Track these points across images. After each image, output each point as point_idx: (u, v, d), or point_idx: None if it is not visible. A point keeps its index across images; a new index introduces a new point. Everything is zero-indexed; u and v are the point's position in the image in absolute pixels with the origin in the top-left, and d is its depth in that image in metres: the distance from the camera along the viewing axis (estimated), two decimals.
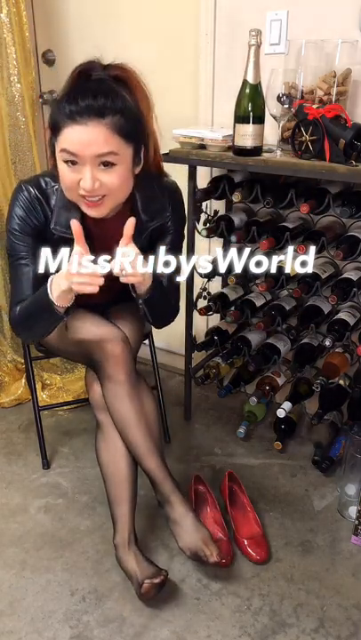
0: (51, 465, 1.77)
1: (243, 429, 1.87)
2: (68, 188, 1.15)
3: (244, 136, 1.50)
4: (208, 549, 1.28)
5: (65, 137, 1.08)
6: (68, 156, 1.09)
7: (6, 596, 1.32)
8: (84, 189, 1.11)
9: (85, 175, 1.09)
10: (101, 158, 1.09)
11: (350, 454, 1.55)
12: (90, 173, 1.09)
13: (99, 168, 1.10)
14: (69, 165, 1.11)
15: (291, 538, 1.49)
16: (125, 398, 1.31)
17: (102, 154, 1.08)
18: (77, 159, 1.09)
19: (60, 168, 1.14)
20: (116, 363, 1.29)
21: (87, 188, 1.10)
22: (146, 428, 1.33)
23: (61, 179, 1.15)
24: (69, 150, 1.08)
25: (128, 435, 1.33)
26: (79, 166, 1.10)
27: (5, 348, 2.16)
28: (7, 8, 1.80)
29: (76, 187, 1.13)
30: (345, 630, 1.24)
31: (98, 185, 1.11)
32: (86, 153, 1.07)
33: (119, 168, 1.12)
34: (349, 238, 1.56)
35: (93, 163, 1.09)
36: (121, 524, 1.34)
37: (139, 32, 1.99)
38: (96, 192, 1.12)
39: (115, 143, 1.09)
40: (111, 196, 1.15)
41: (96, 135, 1.06)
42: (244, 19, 1.70)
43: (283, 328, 1.72)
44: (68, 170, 1.11)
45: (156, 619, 1.27)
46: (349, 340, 1.60)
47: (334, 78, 1.46)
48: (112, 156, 1.10)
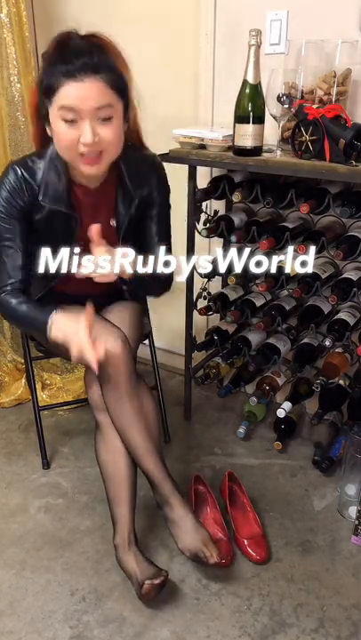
0: (51, 465, 1.77)
1: (243, 429, 1.87)
2: (66, 147, 1.16)
3: (244, 136, 1.50)
4: (208, 550, 1.28)
5: (63, 94, 1.10)
6: (67, 112, 1.11)
7: (6, 596, 1.32)
8: (85, 143, 1.13)
9: (85, 129, 1.11)
10: (99, 112, 1.12)
11: (350, 454, 1.55)
12: (89, 127, 1.11)
13: (97, 123, 1.13)
14: (68, 124, 1.12)
15: (291, 538, 1.49)
16: (125, 399, 1.31)
17: (101, 107, 1.11)
18: (76, 115, 1.11)
19: (57, 130, 1.15)
20: (115, 363, 1.28)
21: (88, 142, 1.12)
22: (145, 429, 1.33)
23: (59, 139, 1.16)
24: (69, 106, 1.10)
25: (127, 436, 1.33)
26: (78, 123, 1.12)
27: (5, 348, 2.16)
28: (7, 8, 1.80)
29: (75, 145, 1.14)
30: (345, 630, 1.24)
31: (97, 139, 1.13)
32: (86, 106, 1.10)
33: (115, 122, 1.15)
34: (349, 238, 1.56)
35: (92, 117, 1.11)
36: (121, 524, 1.34)
37: (139, 32, 1.99)
38: (95, 146, 1.14)
39: (110, 96, 1.12)
40: (108, 152, 1.18)
41: (94, 89, 1.10)
42: (244, 19, 1.70)
43: (283, 328, 1.73)
44: (66, 128, 1.13)
45: (156, 619, 1.27)
46: (349, 339, 1.60)
47: (334, 78, 1.46)
48: (109, 110, 1.13)
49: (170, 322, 2.29)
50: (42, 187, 1.26)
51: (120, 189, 1.33)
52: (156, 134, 1.60)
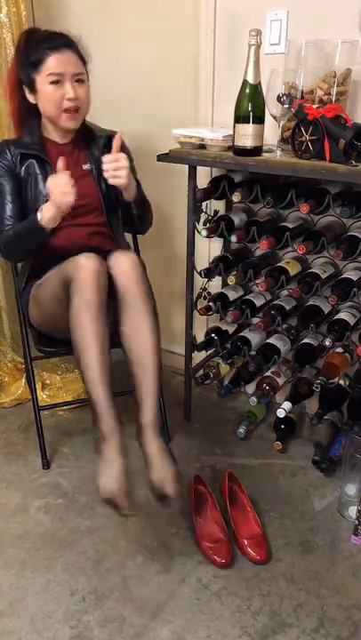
0: (51, 465, 1.77)
1: (243, 429, 1.87)
2: (54, 103, 1.49)
3: (244, 136, 1.50)
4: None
5: (50, 64, 1.46)
6: (54, 77, 1.46)
7: (6, 596, 1.32)
8: (69, 98, 1.48)
9: (68, 88, 1.48)
10: (77, 76, 1.49)
11: (350, 454, 1.55)
12: (71, 86, 1.48)
13: (75, 84, 1.49)
14: (54, 85, 1.47)
15: (291, 538, 1.49)
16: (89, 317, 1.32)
17: (77, 72, 1.49)
18: (61, 77, 1.47)
19: (46, 92, 1.48)
20: (87, 278, 1.33)
21: (72, 96, 1.48)
22: (101, 353, 1.32)
23: (48, 99, 1.49)
24: (56, 72, 1.46)
25: (85, 356, 1.32)
26: (61, 85, 1.48)
27: (5, 347, 2.16)
28: (7, 8, 1.80)
29: (61, 102, 1.49)
30: (345, 630, 1.24)
31: (76, 96, 1.49)
32: (68, 70, 1.47)
33: (86, 84, 1.53)
34: (349, 238, 1.56)
35: (71, 79, 1.48)
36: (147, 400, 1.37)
37: (139, 32, 1.99)
38: (75, 102, 1.49)
39: (80, 65, 1.51)
40: (82, 108, 1.54)
41: (71, 58, 1.48)
42: (244, 19, 1.70)
43: (283, 328, 1.73)
44: (53, 89, 1.48)
45: (156, 619, 1.27)
46: (349, 339, 1.59)
47: (334, 78, 1.46)
48: (82, 75, 1.51)
49: (170, 322, 2.29)
50: (19, 145, 1.58)
51: (90, 142, 1.64)
52: (156, 134, 1.60)
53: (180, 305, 1.90)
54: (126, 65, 2.06)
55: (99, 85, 1.60)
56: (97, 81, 1.59)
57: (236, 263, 1.80)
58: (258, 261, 1.78)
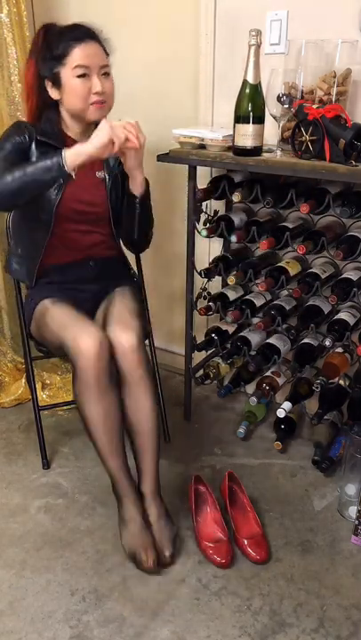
0: (51, 465, 1.77)
1: (243, 429, 1.87)
2: (81, 96, 1.42)
3: (244, 136, 1.50)
4: (145, 555, 1.35)
5: (76, 55, 1.39)
6: (81, 69, 1.39)
7: (6, 596, 1.32)
8: (97, 90, 1.41)
9: (95, 81, 1.41)
10: (103, 69, 1.42)
11: (350, 454, 1.55)
12: (98, 80, 1.41)
13: (101, 77, 1.42)
14: (81, 79, 1.40)
15: (291, 538, 1.49)
16: (92, 400, 1.34)
17: (104, 64, 1.43)
18: (88, 70, 1.40)
19: (72, 85, 1.41)
20: (88, 365, 1.31)
21: (99, 89, 1.41)
22: (108, 432, 1.36)
23: (75, 93, 1.42)
24: (83, 64, 1.39)
25: (92, 434, 1.37)
26: (88, 78, 1.41)
27: (5, 347, 2.16)
28: (7, 8, 1.80)
29: (88, 95, 1.42)
30: (345, 630, 1.24)
31: (104, 89, 1.42)
32: (95, 63, 1.40)
33: (111, 77, 1.47)
34: (349, 238, 1.56)
35: (98, 72, 1.41)
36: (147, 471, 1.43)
37: (139, 32, 1.99)
38: (102, 95, 1.43)
39: (106, 58, 1.45)
40: (108, 101, 1.47)
41: (98, 50, 1.42)
42: (244, 19, 1.70)
43: (283, 328, 1.73)
44: (80, 82, 1.40)
45: (156, 619, 1.27)
46: (349, 339, 1.59)
47: (334, 78, 1.46)
48: (108, 67, 1.45)
49: (170, 322, 2.29)
50: (38, 130, 1.48)
51: None
52: (156, 134, 1.60)
53: (180, 305, 1.90)
54: (126, 65, 2.06)
55: None
56: None
57: (236, 263, 1.80)
58: (258, 261, 1.78)
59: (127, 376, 1.38)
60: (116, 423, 1.37)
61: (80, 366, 1.31)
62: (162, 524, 1.42)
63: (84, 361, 1.30)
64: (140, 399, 1.39)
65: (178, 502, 1.59)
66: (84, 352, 1.30)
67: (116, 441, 1.38)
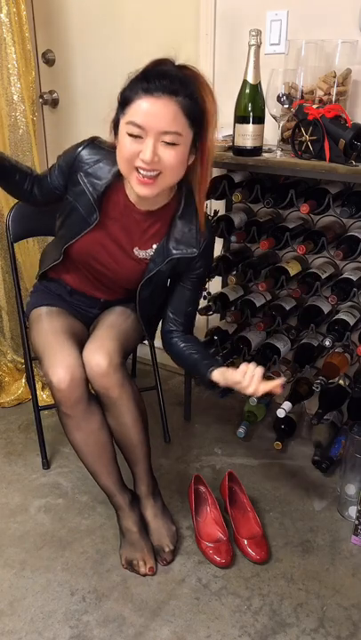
0: (51, 465, 1.77)
1: (243, 429, 1.87)
2: (125, 159, 1.15)
3: (244, 136, 1.50)
4: (142, 561, 1.37)
5: (135, 109, 1.11)
6: (134, 128, 1.11)
7: (6, 595, 1.32)
8: (144, 160, 1.12)
9: (147, 146, 1.11)
10: (165, 136, 1.11)
11: (350, 454, 1.55)
12: (152, 146, 1.11)
13: (160, 144, 1.12)
14: (132, 138, 1.13)
15: (291, 538, 1.49)
16: (72, 427, 1.34)
17: (168, 131, 1.11)
18: (142, 133, 1.11)
19: (121, 142, 1.15)
20: (61, 397, 1.28)
21: (147, 160, 1.11)
22: (92, 454, 1.37)
23: (120, 150, 1.16)
24: (137, 123, 1.10)
25: (79, 456, 1.38)
26: (142, 140, 1.12)
27: (5, 348, 2.16)
28: (7, 8, 1.80)
29: (134, 158, 1.14)
30: (345, 630, 1.24)
31: (157, 159, 1.13)
32: (154, 125, 1.10)
33: (179, 148, 1.14)
34: (349, 238, 1.56)
35: (157, 138, 1.11)
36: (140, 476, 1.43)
37: (139, 32, 1.99)
38: (153, 165, 1.13)
39: (181, 124, 1.12)
40: (165, 176, 1.16)
41: (166, 110, 1.10)
42: (244, 19, 1.70)
43: (283, 328, 1.72)
44: (130, 141, 1.13)
45: (156, 619, 1.27)
46: (349, 340, 1.59)
47: (334, 78, 1.46)
48: (175, 137, 1.12)
49: None
50: (92, 167, 1.27)
51: (166, 238, 1.32)
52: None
53: None
54: (126, 65, 2.06)
55: (99, 86, 1.60)
56: (97, 81, 1.58)
57: (236, 263, 1.80)
58: (258, 261, 1.78)
59: (102, 398, 1.33)
60: (99, 446, 1.36)
61: (55, 396, 1.29)
62: (159, 522, 1.43)
63: (56, 393, 1.27)
64: (122, 418, 1.35)
65: (178, 502, 1.59)
66: (55, 384, 1.26)
67: (104, 460, 1.37)
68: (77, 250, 1.35)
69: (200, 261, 1.35)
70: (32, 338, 1.44)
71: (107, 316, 1.47)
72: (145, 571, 1.36)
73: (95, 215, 1.29)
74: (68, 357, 1.29)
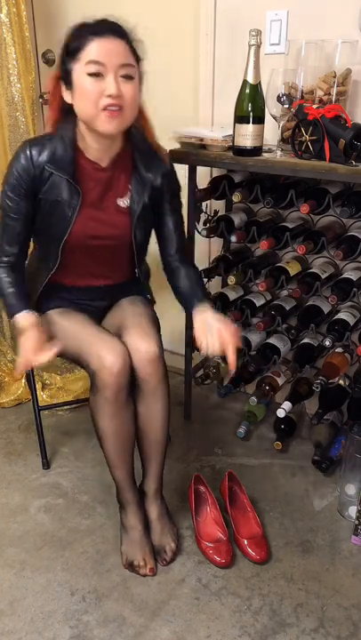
0: (51, 465, 1.77)
1: (243, 429, 1.87)
2: (90, 99, 1.20)
3: (244, 136, 1.50)
4: (143, 561, 1.38)
5: (91, 50, 1.18)
6: (94, 66, 1.18)
7: (6, 595, 1.32)
8: (110, 94, 1.18)
9: (110, 82, 1.18)
10: (123, 70, 1.19)
11: (350, 454, 1.55)
12: (114, 80, 1.18)
13: (120, 79, 1.20)
14: (93, 77, 1.18)
15: (291, 538, 1.49)
16: (107, 414, 1.33)
17: (125, 64, 1.19)
18: (102, 69, 1.18)
19: (82, 85, 1.20)
20: (110, 382, 1.28)
21: (113, 92, 1.18)
22: (119, 445, 1.36)
23: (84, 93, 1.20)
24: (96, 60, 1.17)
25: (103, 444, 1.37)
26: (102, 78, 1.19)
27: (5, 348, 2.16)
28: (7, 8, 1.80)
29: (99, 99, 1.19)
30: (345, 630, 1.24)
31: (120, 92, 1.19)
32: (112, 61, 1.18)
33: (135, 82, 1.23)
34: (349, 238, 1.56)
35: (116, 73, 1.19)
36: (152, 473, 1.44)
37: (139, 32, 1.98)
38: (118, 100, 1.19)
39: (131, 58, 1.22)
40: (126, 110, 1.22)
41: (120, 46, 1.20)
42: (244, 19, 1.70)
43: (283, 328, 1.72)
44: (92, 82, 1.18)
45: (156, 619, 1.27)
46: (349, 340, 1.59)
47: (334, 78, 1.46)
48: (130, 69, 1.21)
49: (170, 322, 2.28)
50: (49, 156, 1.29)
51: (134, 174, 1.36)
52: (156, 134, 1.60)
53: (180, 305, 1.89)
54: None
55: None
56: None
57: (236, 263, 1.80)
58: (258, 261, 1.78)
59: (143, 385, 1.35)
60: (127, 437, 1.36)
61: (101, 382, 1.28)
62: (162, 523, 1.43)
63: (106, 377, 1.27)
64: (153, 409, 1.37)
65: (178, 502, 1.59)
66: (108, 369, 1.27)
67: (126, 453, 1.38)
68: (75, 237, 1.34)
69: (172, 177, 1.42)
70: (57, 335, 1.39)
71: (126, 308, 1.47)
72: (145, 571, 1.36)
73: (77, 195, 1.30)
74: (117, 344, 1.31)
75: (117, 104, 1.19)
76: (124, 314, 1.46)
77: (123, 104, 1.20)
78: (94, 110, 1.20)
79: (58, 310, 1.44)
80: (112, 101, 1.18)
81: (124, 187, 1.36)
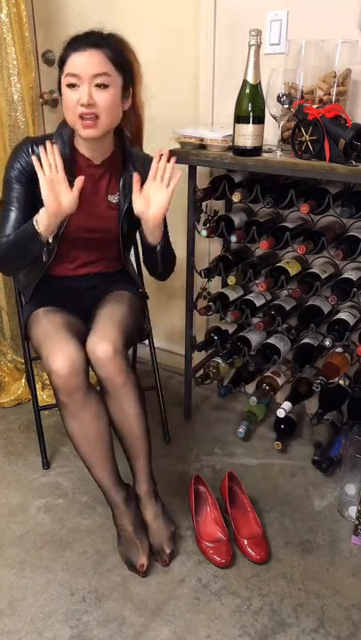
0: (51, 465, 1.77)
1: (243, 429, 1.87)
2: (69, 108, 1.31)
3: (244, 136, 1.50)
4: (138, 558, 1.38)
5: (69, 64, 1.29)
6: (70, 78, 1.28)
7: (6, 595, 1.32)
8: (82, 103, 1.28)
9: (83, 91, 1.27)
10: (96, 79, 1.27)
11: (350, 454, 1.55)
12: (87, 90, 1.27)
13: (94, 89, 1.28)
14: (71, 88, 1.29)
15: (291, 538, 1.49)
16: (68, 416, 1.34)
17: (97, 73, 1.27)
18: (77, 80, 1.28)
19: (63, 95, 1.31)
20: (59, 384, 1.29)
21: (84, 102, 1.27)
22: (88, 444, 1.36)
23: (65, 103, 1.32)
24: (72, 72, 1.28)
25: (75, 446, 1.38)
26: (79, 88, 1.28)
27: (5, 348, 2.16)
28: (7, 8, 1.80)
29: (75, 106, 1.29)
30: (345, 630, 1.24)
31: (93, 101, 1.28)
32: (86, 72, 1.27)
33: (111, 90, 1.30)
34: (349, 238, 1.56)
35: (90, 83, 1.27)
36: (140, 473, 1.43)
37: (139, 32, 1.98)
38: (90, 108, 1.28)
39: (107, 67, 1.29)
40: (102, 117, 1.30)
41: (93, 58, 1.27)
42: (244, 19, 1.70)
43: (283, 328, 1.72)
44: (70, 92, 1.29)
45: (156, 619, 1.27)
46: (349, 340, 1.59)
47: (334, 78, 1.46)
48: (105, 77, 1.28)
49: (170, 322, 2.29)
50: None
51: (124, 175, 1.45)
52: (156, 134, 1.60)
53: (180, 305, 1.90)
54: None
55: None
56: None
57: (236, 263, 1.80)
58: (258, 261, 1.78)
59: (107, 385, 1.35)
60: (95, 436, 1.35)
61: (53, 384, 1.30)
62: (159, 523, 1.42)
63: (55, 380, 1.29)
64: (125, 406, 1.37)
65: (178, 502, 1.59)
66: (55, 371, 1.28)
67: (100, 451, 1.37)
68: (70, 229, 1.41)
69: None
70: (32, 336, 1.46)
71: (103, 308, 1.48)
72: (141, 570, 1.36)
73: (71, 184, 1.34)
74: (68, 346, 1.31)
75: (91, 112, 1.28)
76: (102, 310, 1.48)
77: (97, 112, 1.29)
78: (74, 118, 1.31)
79: (45, 309, 1.47)
80: (85, 110, 1.28)
81: (115, 184, 1.46)
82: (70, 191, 1.28)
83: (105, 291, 1.56)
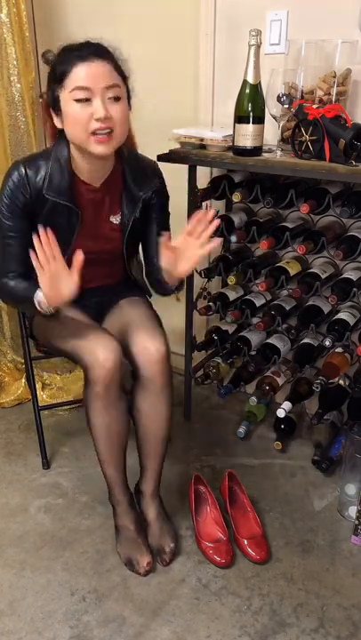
0: (51, 465, 1.77)
1: (243, 429, 1.87)
2: (80, 125, 1.21)
3: (244, 136, 1.50)
4: (139, 561, 1.38)
5: (76, 76, 1.19)
6: (80, 92, 1.19)
7: (6, 595, 1.32)
8: (99, 118, 1.19)
9: (98, 105, 1.19)
10: (109, 91, 1.20)
11: (350, 454, 1.55)
12: (102, 103, 1.19)
13: (108, 101, 1.21)
14: (81, 103, 1.20)
15: (291, 538, 1.49)
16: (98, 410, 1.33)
17: (110, 85, 1.20)
18: (89, 94, 1.19)
19: (70, 112, 1.21)
20: (101, 377, 1.28)
21: (101, 116, 1.19)
22: (109, 441, 1.36)
23: (73, 120, 1.22)
24: (82, 85, 1.18)
25: (95, 440, 1.37)
26: (90, 102, 1.20)
27: (5, 348, 2.16)
28: (7, 8, 1.80)
29: (88, 123, 1.20)
30: (345, 630, 1.24)
31: (109, 115, 1.21)
32: (98, 84, 1.19)
33: (123, 102, 1.24)
34: (349, 238, 1.56)
35: (103, 95, 1.20)
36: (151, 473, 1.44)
37: (139, 32, 1.99)
38: (107, 122, 1.21)
39: (117, 78, 1.23)
40: (117, 131, 1.24)
41: (103, 68, 1.20)
42: (244, 19, 1.70)
43: (283, 328, 1.72)
44: (79, 108, 1.20)
45: (156, 619, 1.27)
46: (349, 340, 1.59)
47: (334, 78, 1.46)
48: (117, 89, 1.22)
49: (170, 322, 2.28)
50: (46, 181, 1.30)
51: (125, 191, 1.40)
52: (156, 134, 1.60)
53: (180, 305, 1.90)
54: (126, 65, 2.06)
55: None
56: None
57: (236, 263, 1.80)
58: (258, 261, 1.78)
59: (149, 384, 1.35)
60: (118, 434, 1.36)
61: (93, 377, 1.28)
62: (160, 523, 1.43)
63: (99, 372, 1.27)
64: (158, 408, 1.37)
65: (178, 502, 1.59)
66: (102, 362, 1.26)
67: (117, 451, 1.38)
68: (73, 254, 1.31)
69: (162, 191, 1.46)
70: (54, 330, 1.41)
71: (125, 309, 1.48)
72: (141, 570, 1.36)
73: (77, 218, 1.34)
74: (112, 340, 1.31)
75: (107, 127, 1.21)
76: (127, 314, 1.46)
77: (112, 125, 1.22)
78: (84, 135, 1.22)
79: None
80: (101, 125, 1.20)
81: (116, 205, 1.41)
82: (70, 275, 1.19)
83: (111, 298, 1.53)
